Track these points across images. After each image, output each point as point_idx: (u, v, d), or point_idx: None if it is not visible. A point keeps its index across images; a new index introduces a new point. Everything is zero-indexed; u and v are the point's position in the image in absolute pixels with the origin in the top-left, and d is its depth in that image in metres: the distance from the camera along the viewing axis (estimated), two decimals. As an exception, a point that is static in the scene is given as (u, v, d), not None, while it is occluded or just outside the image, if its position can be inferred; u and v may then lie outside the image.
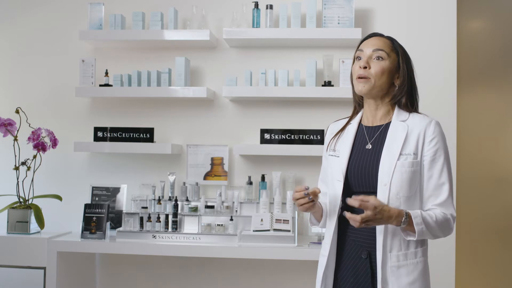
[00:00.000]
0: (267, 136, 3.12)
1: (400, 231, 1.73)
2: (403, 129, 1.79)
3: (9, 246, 2.96)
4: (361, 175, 1.80)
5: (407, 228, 1.70)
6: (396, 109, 1.85)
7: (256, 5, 3.15)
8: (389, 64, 1.81)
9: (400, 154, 1.76)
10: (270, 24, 3.13)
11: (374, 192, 1.76)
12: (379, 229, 1.74)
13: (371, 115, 1.88)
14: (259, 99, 3.23)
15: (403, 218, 1.67)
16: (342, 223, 1.83)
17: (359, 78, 1.81)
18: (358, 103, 1.95)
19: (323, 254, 1.87)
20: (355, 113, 1.96)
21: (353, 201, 1.65)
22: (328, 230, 1.86)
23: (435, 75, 3.16)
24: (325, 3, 3.08)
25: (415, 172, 1.76)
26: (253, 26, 3.15)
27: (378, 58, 1.81)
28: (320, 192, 1.78)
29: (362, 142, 1.86)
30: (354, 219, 1.64)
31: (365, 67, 1.80)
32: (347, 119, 1.96)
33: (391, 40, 1.87)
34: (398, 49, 1.85)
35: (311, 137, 3.10)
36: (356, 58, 1.86)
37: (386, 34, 1.91)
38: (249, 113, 3.28)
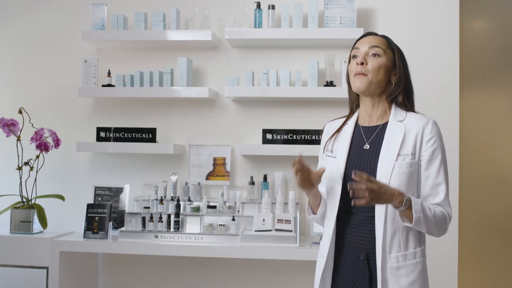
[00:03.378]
0: (269, 136, 3.12)
1: (400, 224, 1.73)
2: (400, 129, 1.79)
3: (12, 245, 2.97)
4: None
5: (405, 213, 1.69)
6: (393, 108, 1.84)
7: (258, 5, 3.15)
8: (385, 60, 1.82)
9: (398, 155, 1.75)
10: (272, 24, 3.14)
11: None
12: (379, 230, 1.74)
13: (367, 114, 1.87)
14: (261, 99, 3.23)
15: (404, 199, 1.66)
16: (341, 224, 1.82)
17: (357, 75, 1.81)
18: (353, 102, 1.94)
19: (322, 255, 1.86)
20: (351, 113, 1.95)
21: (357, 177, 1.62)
22: (327, 231, 1.86)
23: (438, 74, 3.15)
24: (327, 3, 3.08)
25: (413, 172, 1.76)
26: (255, 26, 3.15)
27: (375, 55, 1.81)
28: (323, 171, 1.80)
29: (359, 142, 1.85)
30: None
31: (362, 63, 1.81)
32: (343, 119, 1.95)
33: (386, 38, 1.88)
34: (393, 47, 1.86)
35: (313, 137, 3.10)
36: (352, 57, 1.87)
37: (386, 34, 1.92)
38: (251, 113, 3.29)
